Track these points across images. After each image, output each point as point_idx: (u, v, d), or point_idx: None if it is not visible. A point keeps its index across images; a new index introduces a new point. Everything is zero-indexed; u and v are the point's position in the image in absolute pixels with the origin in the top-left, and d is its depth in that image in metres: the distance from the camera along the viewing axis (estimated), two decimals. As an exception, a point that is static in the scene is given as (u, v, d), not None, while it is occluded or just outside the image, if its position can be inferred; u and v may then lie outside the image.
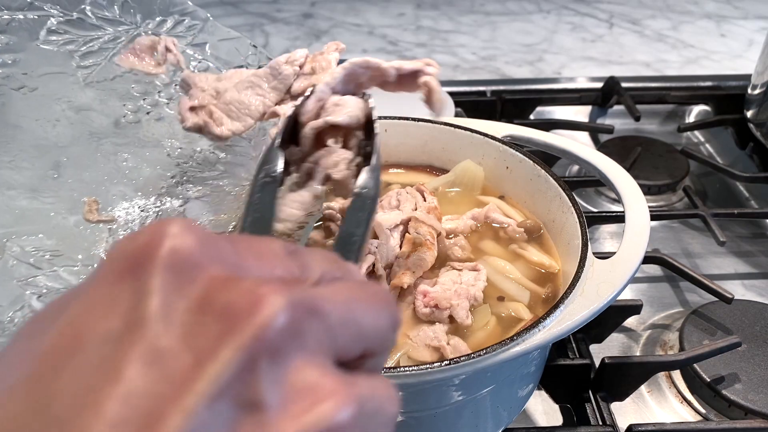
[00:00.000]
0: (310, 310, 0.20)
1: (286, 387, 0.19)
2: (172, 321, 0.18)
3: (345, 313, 0.21)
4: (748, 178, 0.89)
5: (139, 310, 0.18)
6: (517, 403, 0.55)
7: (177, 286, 0.19)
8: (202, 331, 0.18)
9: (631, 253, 0.51)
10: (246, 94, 0.49)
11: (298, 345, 0.19)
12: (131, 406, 0.17)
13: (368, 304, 0.22)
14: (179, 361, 0.18)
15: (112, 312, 0.19)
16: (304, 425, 0.18)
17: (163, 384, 0.17)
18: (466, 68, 1.25)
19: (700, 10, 1.48)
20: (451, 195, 0.65)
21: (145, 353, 0.18)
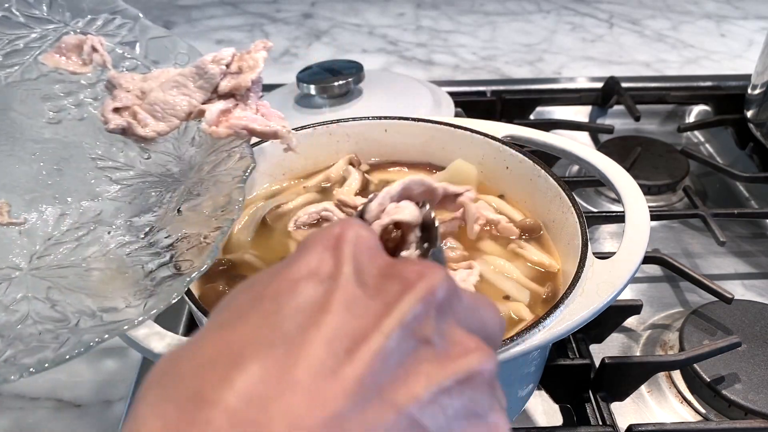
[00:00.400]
0: (455, 291, 0.27)
1: (446, 336, 0.25)
2: (364, 281, 0.25)
3: (472, 302, 0.28)
4: (748, 178, 0.89)
5: (340, 271, 0.25)
6: (517, 403, 0.55)
7: (366, 259, 0.26)
8: (387, 289, 0.25)
9: (631, 253, 0.51)
10: (171, 93, 0.49)
11: (450, 310, 0.26)
12: (340, 330, 0.23)
13: (486, 304, 0.29)
14: (371, 306, 0.24)
15: (318, 271, 0.25)
16: (462, 363, 0.25)
17: (361, 319, 0.23)
18: (466, 68, 1.25)
19: (700, 10, 1.48)
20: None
21: (346, 299, 0.24)
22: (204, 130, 0.48)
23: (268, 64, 0.51)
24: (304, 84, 0.88)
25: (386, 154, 0.69)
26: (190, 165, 0.54)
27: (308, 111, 0.89)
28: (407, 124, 0.67)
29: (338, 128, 0.67)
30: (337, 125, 0.67)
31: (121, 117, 0.48)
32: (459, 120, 0.68)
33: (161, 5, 1.52)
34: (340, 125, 0.67)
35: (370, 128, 0.68)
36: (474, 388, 0.25)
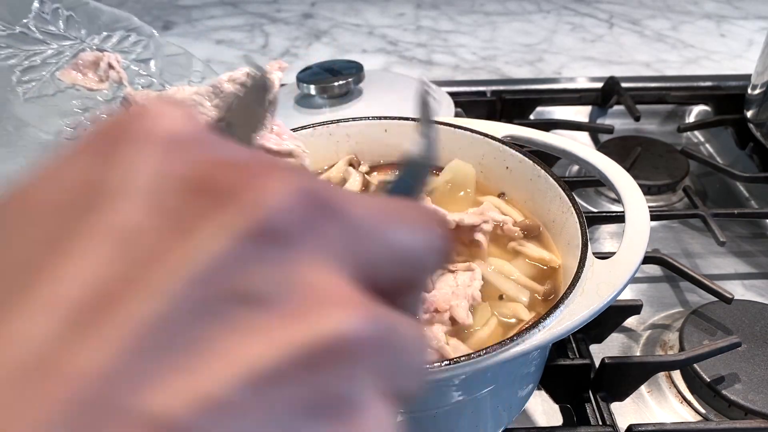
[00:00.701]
0: (327, 206, 0.16)
1: (291, 286, 0.14)
2: (150, 197, 0.14)
3: (375, 222, 0.17)
4: (748, 178, 0.89)
5: (109, 181, 0.14)
6: (517, 403, 0.55)
7: (161, 160, 0.15)
8: (186, 210, 0.14)
9: (631, 253, 0.51)
10: None
11: (309, 241, 0.15)
12: (79, 286, 0.13)
13: (407, 218, 0.18)
14: (152, 240, 0.14)
15: (73, 184, 0.14)
16: (309, 331, 0.14)
17: (128, 264, 0.13)
18: (466, 68, 1.25)
19: (700, 10, 1.48)
20: (446, 196, 0.65)
21: (107, 228, 0.14)
22: None
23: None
24: (304, 84, 0.88)
25: (386, 154, 0.69)
26: None
27: (308, 111, 0.89)
28: (407, 124, 0.67)
29: (338, 128, 0.67)
30: (337, 125, 0.67)
31: None
32: (459, 120, 0.68)
33: (161, 5, 1.52)
34: (340, 125, 0.67)
35: (370, 128, 0.68)
36: (329, 368, 0.14)
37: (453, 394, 0.47)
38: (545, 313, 0.45)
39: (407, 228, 0.18)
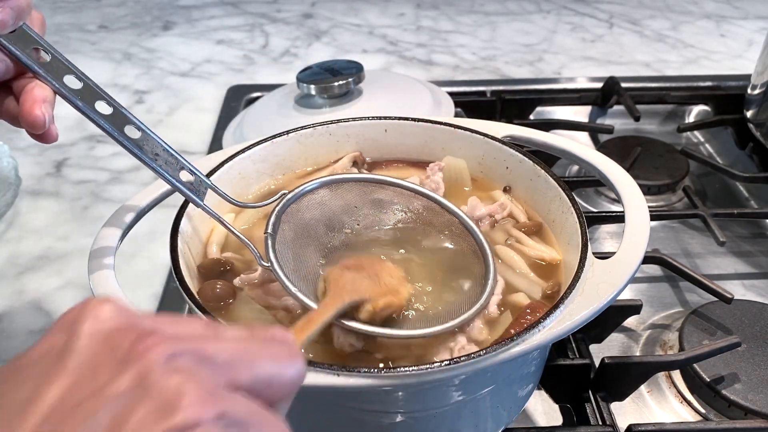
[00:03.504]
0: (196, 354, 0.27)
1: (159, 390, 0.25)
2: (87, 354, 0.26)
3: (233, 355, 0.28)
4: (747, 178, 0.89)
5: (68, 346, 0.26)
6: (517, 403, 0.55)
7: (95, 333, 0.27)
8: (106, 363, 0.26)
9: (631, 253, 0.51)
10: None
11: (176, 372, 0.25)
12: (48, 415, 0.24)
13: (261, 353, 0.29)
14: (87, 379, 0.25)
15: (52, 348, 0.27)
16: (159, 425, 0.24)
17: (76, 392, 0.25)
18: (466, 68, 1.25)
19: (700, 10, 1.48)
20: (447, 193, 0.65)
21: (65, 372, 0.25)
22: None
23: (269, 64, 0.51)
24: (304, 84, 0.88)
25: (386, 154, 0.69)
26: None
27: (308, 111, 0.89)
28: (407, 124, 0.67)
29: (338, 128, 0.67)
30: (337, 125, 0.67)
31: None
32: (459, 120, 0.68)
33: (161, 5, 1.52)
34: (340, 125, 0.67)
35: (370, 128, 0.68)
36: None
37: (453, 394, 0.47)
38: (545, 313, 0.45)
39: (262, 361, 0.29)
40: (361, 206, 0.59)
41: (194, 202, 0.52)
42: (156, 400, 0.24)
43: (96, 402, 0.24)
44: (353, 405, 0.48)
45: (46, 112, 0.46)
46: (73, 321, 0.27)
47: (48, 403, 0.24)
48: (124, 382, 0.25)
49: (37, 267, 0.80)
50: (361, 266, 0.50)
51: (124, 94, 1.16)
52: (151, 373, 0.25)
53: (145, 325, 0.27)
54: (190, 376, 0.25)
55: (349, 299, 0.47)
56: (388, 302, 0.48)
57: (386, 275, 0.50)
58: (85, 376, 0.25)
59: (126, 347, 0.26)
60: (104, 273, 0.49)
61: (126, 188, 0.93)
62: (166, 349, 0.26)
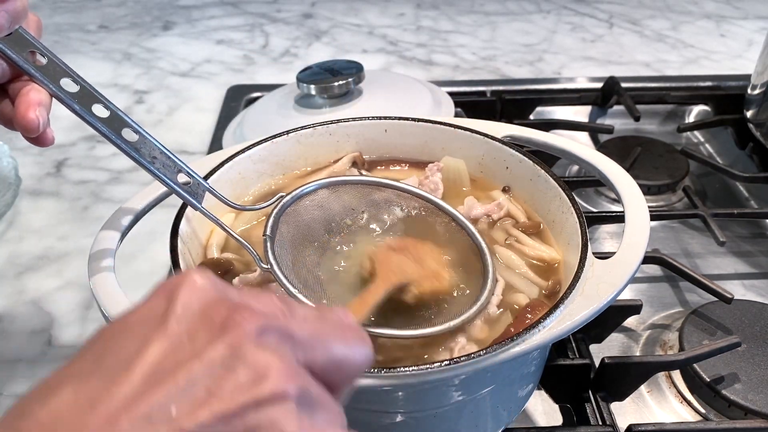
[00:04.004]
0: (281, 331, 0.29)
1: (248, 361, 0.27)
2: (190, 323, 0.28)
3: (311, 335, 0.30)
4: (747, 178, 0.89)
5: (168, 314, 0.28)
6: (517, 403, 0.55)
7: (191, 302, 0.29)
8: (203, 330, 0.28)
9: (631, 253, 0.51)
10: None
11: (263, 346, 0.28)
12: (152, 366, 0.26)
13: (338, 336, 0.31)
14: (186, 348, 0.27)
15: (151, 315, 0.29)
16: (251, 387, 0.27)
17: (175, 357, 0.27)
18: (466, 68, 1.25)
19: (700, 10, 1.48)
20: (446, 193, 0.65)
21: (165, 336, 0.27)
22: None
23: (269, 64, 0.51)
24: (304, 84, 0.88)
25: (386, 154, 0.69)
26: None
27: (308, 111, 0.89)
28: (407, 124, 0.67)
29: (338, 128, 0.67)
30: (337, 125, 0.67)
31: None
32: (459, 120, 0.68)
33: (161, 5, 1.52)
34: (340, 125, 0.67)
35: (370, 128, 0.68)
36: (271, 411, 0.27)
37: (453, 394, 0.47)
38: (545, 313, 0.45)
39: (336, 339, 0.31)
40: (359, 208, 0.59)
41: (192, 205, 0.52)
42: (248, 369, 0.27)
43: (194, 365, 0.26)
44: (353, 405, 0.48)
45: (40, 116, 0.46)
46: (172, 289, 0.29)
47: (150, 362, 0.26)
48: (219, 349, 0.27)
49: (37, 267, 0.80)
50: (406, 248, 0.52)
51: (124, 94, 1.16)
52: (244, 345, 0.27)
53: (236, 298, 0.30)
54: (277, 352, 0.28)
55: (398, 281, 0.48)
56: (433, 286, 0.50)
57: (429, 258, 0.52)
58: (183, 341, 0.27)
59: (221, 318, 0.28)
60: (104, 275, 0.49)
61: (126, 188, 0.93)
62: (257, 324, 0.28)
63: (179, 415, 0.25)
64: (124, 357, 0.27)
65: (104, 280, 0.49)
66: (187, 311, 0.29)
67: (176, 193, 0.51)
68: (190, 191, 0.52)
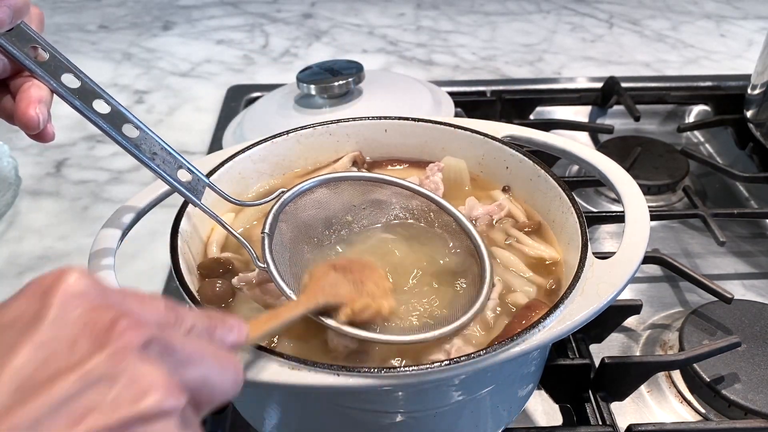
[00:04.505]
0: (164, 344, 0.28)
1: (129, 375, 0.26)
2: (67, 327, 0.26)
3: (192, 352, 0.30)
4: (747, 178, 0.89)
5: (40, 315, 0.26)
6: (517, 403, 0.55)
7: (68, 305, 0.27)
8: (82, 338, 0.26)
9: (631, 253, 0.51)
10: None
11: (147, 359, 0.27)
12: (21, 374, 0.24)
13: (214, 358, 0.31)
14: (61, 355, 0.25)
15: (22, 317, 0.26)
16: (132, 405, 0.25)
17: (48, 366, 0.25)
18: (466, 68, 1.25)
19: (700, 10, 1.48)
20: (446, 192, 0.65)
21: (38, 342, 0.25)
22: None
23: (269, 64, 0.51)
24: (304, 84, 0.88)
25: (386, 154, 0.69)
26: None
27: (308, 111, 0.89)
28: (407, 124, 0.67)
29: (338, 128, 0.67)
30: (337, 125, 0.67)
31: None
32: (459, 120, 0.68)
33: (161, 5, 1.52)
34: (340, 125, 0.67)
35: (370, 128, 0.68)
36: (154, 427, 0.26)
37: (453, 394, 0.47)
38: (545, 313, 0.45)
39: (214, 365, 0.30)
40: (359, 205, 0.59)
41: (192, 201, 0.52)
42: (131, 383, 0.26)
43: (71, 376, 0.25)
44: (353, 405, 0.48)
45: (40, 113, 0.46)
46: (45, 289, 0.27)
47: (19, 371, 0.24)
48: (101, 361, 0.25)
49: (37, 267, 0.80)
50: (349, 268, 0.50)
51: (124, 94, 1.16)
52: (126, 357, 0.26)
53: (119, 303, 0.28)
54: (160, 366, 0.27)
55: (324, 301, 0.46)
56: (365, 306, 0.47)
57: (371, 283, 0.50)
58: (59, 348, 0.25)
59: (103, 325, 0.27)
60: (104, 274, 0.49)
61: (126, 188, 0.93)
62: (141, 335, 0.27)
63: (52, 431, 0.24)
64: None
65: (104, 278, 0.49)
66: (64, 315, 0.26)
67: (176, 190, 0.51)
68: (190, 188, 0.52)
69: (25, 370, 0.24)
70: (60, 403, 0.24)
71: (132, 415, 0.25)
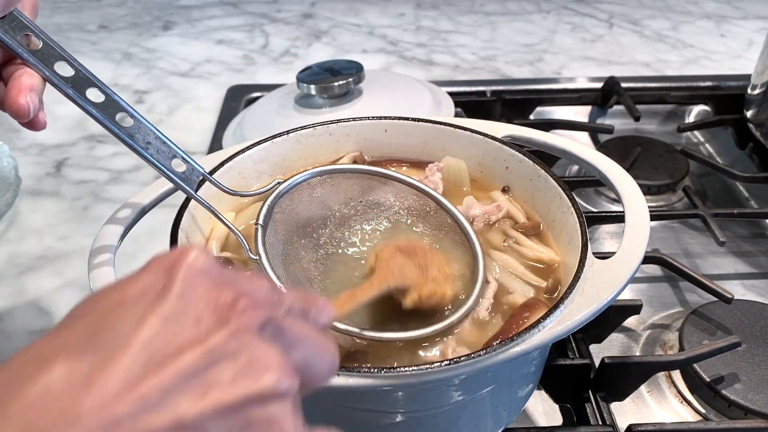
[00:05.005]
0: (277, 327, 0.29)
1: (250, 353, 0.27)
2: (191, 302, 0.27)
3: (298, 334, 0.30)
4: (747, 178, 0.89)
5: (167, 290, 0.27)
6: (517, 403, 0.55)
7: (192, 281, 0.28)
8: (204, 316, 0.27)
9: (631, 253, 0.51)
10: None
11: (264, 339, 0.28)
12: (151, 344, 0.25)
13: (315, 341, 0.31)
14: (188, 328, 0.26)
15: (149, 290, 0.27)
16: (252, 382, 0.26)
17: (175, 337, 0.26)
18: (466, 68, 1.25)
19: (700, 10, 1.48)
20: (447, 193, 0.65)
21: (165, 317, 0.26)
22: None
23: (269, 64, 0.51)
24: (304, 84, 0.88)
25: (386, 154, 0.69)
26: None
27: (308, 111, 0.89)
28: (407, 124, 0.67)
29: (338, 128, 0.67)
30: (337, 125, 0.67)
31: None
32: (459, 120, 0.68)
33: (161, 5, 1.52)
34: (340, 125, 0.67)
35: (370, 128, 0.68)
36: (271, 408, 0.26)
37: (453, 394, 0.47)
38: (545, 314, 0.45)
39: (316, 346, 0.31)
40: (356, 198, 0.59)
41: (185, 191, 0.52)
42: (251, 361, 0.26)
43: (197, 350, 0.25)
44: (353, 405, 0.48)
45: (31, 102, 0.45)
46: (170, 265, 0.28)
47: (149, 342, 0.25)
48: (224, 338, 0.26)
49: (37, 267, 0.80)
50: (414, 251, 0.51)
51: (124, 94, 1.16)
52: (247, 335, 0.27)
53: (235, 283, 0.29)
54: (275, 348, 0.28)
55: (394, 284, 0.48)
56: (432, 292, 0.48)
57: (435, 268, 0.51)
58: (184, 323, 0.26)
59: (225, 303, 0.27)
60: (104, 270, 0.49)
61: (126, 188, 0.93)
62: (259, 316, 0.28)
63: (180, 403, 0.24)
64: (122, 333, 0.25)
65: (103, 274, 0.49)
66: (189, 290, 0.27)
67: (170, 179, 0.51)
68: (184, 177, 0.52)
69: (153, 342, 0.25)
70: (186, 376, 0.25)
71: (251, 394, 0.26)
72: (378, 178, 0.59)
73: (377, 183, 0.59)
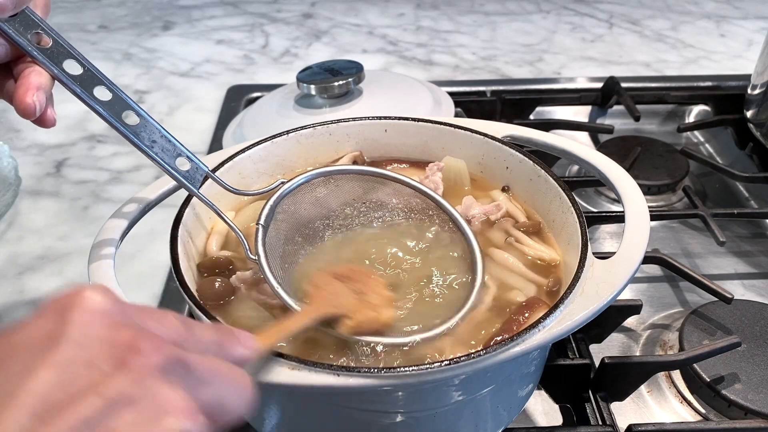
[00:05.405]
0: (181, 363, 0.28)
1: (153, 396, 0.26)
2: (86, 346, 0.26)
3: (207, 371, 0.29)
4: (747, 178, 0.89)
5: (59, 334, 0.26)
6: (517, 403, 0.55)
7: (87, 323, 0.26)
8: (102, 358, 0.26)
9: (631, 253, 0.51)
10: None
11: (167, 380, 0.27)
12: (44, 395, 0.24)
13: (228, 377, 0.31)
14: (82, 374, 0.25)
15: (41, 336, 0.26)
16: (155, 425, 0.25)
17: (70, 386, 0.24)
18: (466, 68, 1.25)
19: (699, 10, 1.48)
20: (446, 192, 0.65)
21: (56, 362, 0.25)
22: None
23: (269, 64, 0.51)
24: (304, 84, 0.88)
25: (386, 154, 0.69)
26: None
27: (308, 111, 0.89)
28: (407, 124, 0.67)
29: (338, 128, 0.67)
30: (337, 125, 0.67)
31: None
32: (459, 120, 0.68)
33: (161, 5, 1.52)
34: (340, 125, 0.67)
35: (370, 128, 0.68)
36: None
37: (453, 394, 0.47)
38: (545, 313, 0.45)
39: (227, 384, 0.30)
40: (358, 199, 0.59)
41: (189, 189, 0.52)
42: (152, 405, 0.25)
43: (92, 398, 0.24)
44: (353, 405, 0.48)
45: (37, 100, 0.46)
46: (63, 307, 0.27)
47: (39, 393, 0.24)
48: (121, 383, 0.25)
49: (37, 267, 0.80)
50: (350, 277, 0.50)
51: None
52: (147, 378, 0.26)
53: (136, 321, 0.28)
54: (178, 387, 0.27)
55: (327, 312, 0.46)
56: (368, 319, 0.47)
57: (373, 293, 0.49)
58: (78, 369, 0.25)
59: (122, 345, 0.26)
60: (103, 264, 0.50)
61: (126, 188, 0.93)
62: (160, 356, 0.27)
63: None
64: (12, 383, 0.24)
65: (101, 268, 0.49)
66: (82, 333, 0.26)
67: (173, 177, 0.51)
68: (188, 176, 0.52)
69: (44, 393, 0.24)
70: (81, 428, 0.23)
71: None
72: (380, 179, 0.59)
73: (378, 183, 0.59)
